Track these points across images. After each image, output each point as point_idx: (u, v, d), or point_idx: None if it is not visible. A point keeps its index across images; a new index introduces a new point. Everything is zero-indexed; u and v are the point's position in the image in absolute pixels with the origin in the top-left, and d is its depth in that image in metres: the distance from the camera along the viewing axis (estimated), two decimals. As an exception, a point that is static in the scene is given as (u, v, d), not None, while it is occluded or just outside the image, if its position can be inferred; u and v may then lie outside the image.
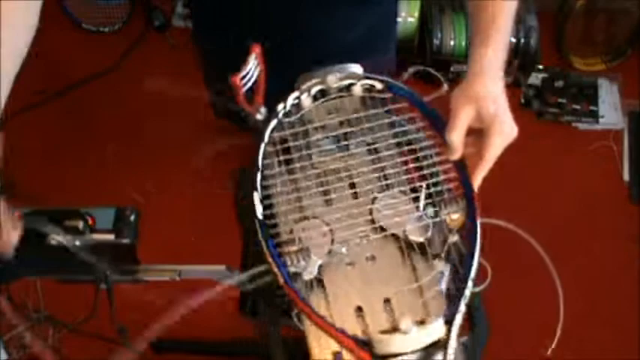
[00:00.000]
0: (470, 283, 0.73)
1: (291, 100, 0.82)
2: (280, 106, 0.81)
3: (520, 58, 2.19)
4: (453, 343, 0.68)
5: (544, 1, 2.26)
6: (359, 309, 0.76)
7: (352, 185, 0.84)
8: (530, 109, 2.25)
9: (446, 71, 2.19)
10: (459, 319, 0.70)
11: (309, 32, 1.00)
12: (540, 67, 2.26)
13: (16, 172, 2.11)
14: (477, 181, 0.80)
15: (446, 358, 0.68)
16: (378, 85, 0.87)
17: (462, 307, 0.71)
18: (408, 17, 2.19)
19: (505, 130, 0.79)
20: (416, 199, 0.82)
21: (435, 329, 0.68)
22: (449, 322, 0.70)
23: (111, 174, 2.00)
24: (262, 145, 0.79)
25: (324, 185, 0.83)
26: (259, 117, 0.82)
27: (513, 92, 2.25)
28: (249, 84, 0.78)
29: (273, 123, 0.81)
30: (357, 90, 0.86)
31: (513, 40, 2.18)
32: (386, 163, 0.85)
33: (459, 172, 0.81)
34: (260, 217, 0.75)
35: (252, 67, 0.77)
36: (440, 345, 0.68)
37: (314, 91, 0.84)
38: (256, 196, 0.76)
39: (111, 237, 0.87)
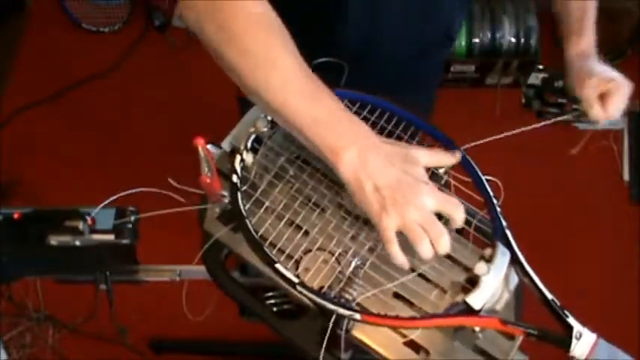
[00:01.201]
0: (495, 200, 0.76)
1: (238, 166, 0.80)
2: (234, 178, 0.79)
3: (520, 58, 2.19)
4: (521, 255, 0.72)
5: (544, 1, 2.25)
6: (396, 297, 0.78)
7: (315, 204, 0.83)
8: (530, 109, 2.24)
9: (446, 71, 2.20)
10: (509, 233, 0.73)
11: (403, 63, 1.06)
12: (540, 67, 2.25)
13: (16, 172, 2.11)
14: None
15: (524, 268, 0.71)
16: None
17: (504, 222, 0.74)
18: (408, 17, 2.19)
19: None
20: None
21: (503, 254, 0.71)
22: (504, 243, 0.73)
23: (111, 174, 2.00)
24: (247, 222, 0.77)
25: (299, 222, 0.82)
26: (225, 200, 0.81)
27: (513, 92, 2.24)
28: (210, 178, 0.77)
29: (240, 196, 0.79)
30: None
31: (513, 40, 2.18)
32: (322, 165, 0.84)
33: (417, 126, 0.83)
34: (296, 280, 0.73)
35: (206, 160, 0.75)
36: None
37: (250, 144, 0.82)
38: (280, 267, 0.74)
39: (111, 237, 0.87)
